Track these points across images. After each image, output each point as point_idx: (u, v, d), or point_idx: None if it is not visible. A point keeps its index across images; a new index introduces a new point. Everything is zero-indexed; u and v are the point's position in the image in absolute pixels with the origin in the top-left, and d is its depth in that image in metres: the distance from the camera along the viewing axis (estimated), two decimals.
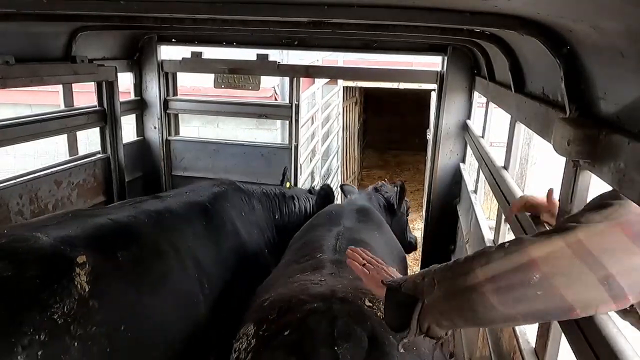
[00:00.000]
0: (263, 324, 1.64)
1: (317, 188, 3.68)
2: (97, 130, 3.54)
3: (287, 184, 3.62)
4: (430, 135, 4.55)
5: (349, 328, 1.45)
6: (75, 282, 1.61)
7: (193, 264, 2.18)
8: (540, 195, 1.59)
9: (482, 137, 3.11)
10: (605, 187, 1.05)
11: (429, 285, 1.23)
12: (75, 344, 1.50)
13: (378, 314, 1.56)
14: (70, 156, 3.35)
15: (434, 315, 1.19)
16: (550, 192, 1.57)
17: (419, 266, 4.22)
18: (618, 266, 0.96)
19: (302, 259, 2.20)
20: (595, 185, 1.22)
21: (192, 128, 6.47)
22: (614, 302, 0.97)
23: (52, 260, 1.63)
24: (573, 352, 1.15)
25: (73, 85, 3.28)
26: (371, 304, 1.64)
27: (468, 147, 3.60)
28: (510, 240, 1.12)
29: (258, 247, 2.78)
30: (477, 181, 3.19)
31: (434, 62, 3.86)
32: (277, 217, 3.18)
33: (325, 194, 3.51)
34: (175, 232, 2.22)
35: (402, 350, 1.30)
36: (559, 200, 1.37)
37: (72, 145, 3.38)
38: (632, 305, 1.01)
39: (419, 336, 1.22)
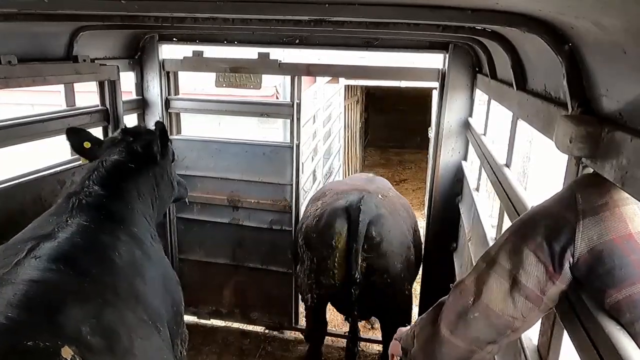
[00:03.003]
0: (318, 200, 3.60)
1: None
2: (99, 130, 3.54)
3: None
4: (432, 134, 4.55)
5: (367, 202, 3.13)
6: None
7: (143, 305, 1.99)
8: None
9: (484, 134, 3.11)
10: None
11: (411, 339, 1.42)
12: None
13: (384, 208, 3.24)
14: (72, 155, 3.36)
15: None
16: None
17: (421, 266, 4.21)
18: (518, 267, 1.10)
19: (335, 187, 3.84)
20: None
21: (191, 127, 6.46)
22: (535, 305, 1.11)
23: None
24: (575, 349, 1.15)
25: (73, 84, 3.29)
26: (382, 197, 3.39)
27: (470, 145, 3.60)
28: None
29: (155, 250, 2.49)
30: (479, 179, 3.19)
31: (435, 63, 3.86)
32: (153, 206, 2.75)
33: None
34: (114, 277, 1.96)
35: None
36: None
37: None
38: None
39: None
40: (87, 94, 3.67)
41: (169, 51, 4.08)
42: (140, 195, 2.61)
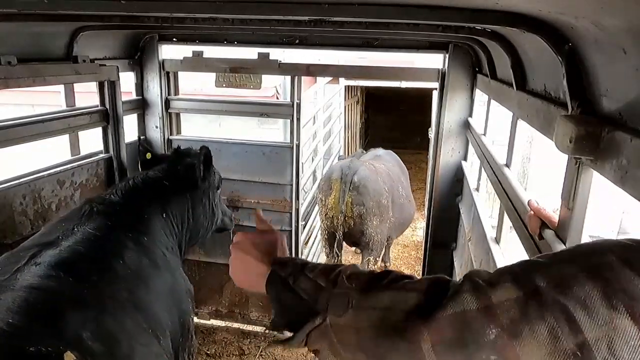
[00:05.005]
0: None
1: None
2: (96, 130, 3.54)
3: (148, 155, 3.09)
4: (432, 134, 4.55)
5: (354, 163, 5.12)
6: None
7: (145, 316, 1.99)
8: (546, 207, 1.53)
9: (484, 134, 3.11)
10: (606, 184, 1.05)
11: (339, 303, 0.88)
12: None
13: (365, 168, 5.15)
14: (72, 156, 3.36)
15: (332, 343, 0.88)
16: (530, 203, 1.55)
17: (422, 266, 4.21)
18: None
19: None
20: (597, 183, 1.21)
21: (192, 127, 6.46)
22: None
23: None
24: None
25: (73, 85, 3.29)
26: (369, 164, 5.35)
27: (470, 145, 3.59)
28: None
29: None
30: (479, 179, 3.19)
31: (435, 63, 3.85)
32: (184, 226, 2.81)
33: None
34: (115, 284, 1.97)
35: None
36: (561, 198, 1.37)
37: (74, 145, 3.39)
38: None
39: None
40: (87, 94, 3.67)
41: (169, 51, 4.08)
42: (166, 211, 2.66)
